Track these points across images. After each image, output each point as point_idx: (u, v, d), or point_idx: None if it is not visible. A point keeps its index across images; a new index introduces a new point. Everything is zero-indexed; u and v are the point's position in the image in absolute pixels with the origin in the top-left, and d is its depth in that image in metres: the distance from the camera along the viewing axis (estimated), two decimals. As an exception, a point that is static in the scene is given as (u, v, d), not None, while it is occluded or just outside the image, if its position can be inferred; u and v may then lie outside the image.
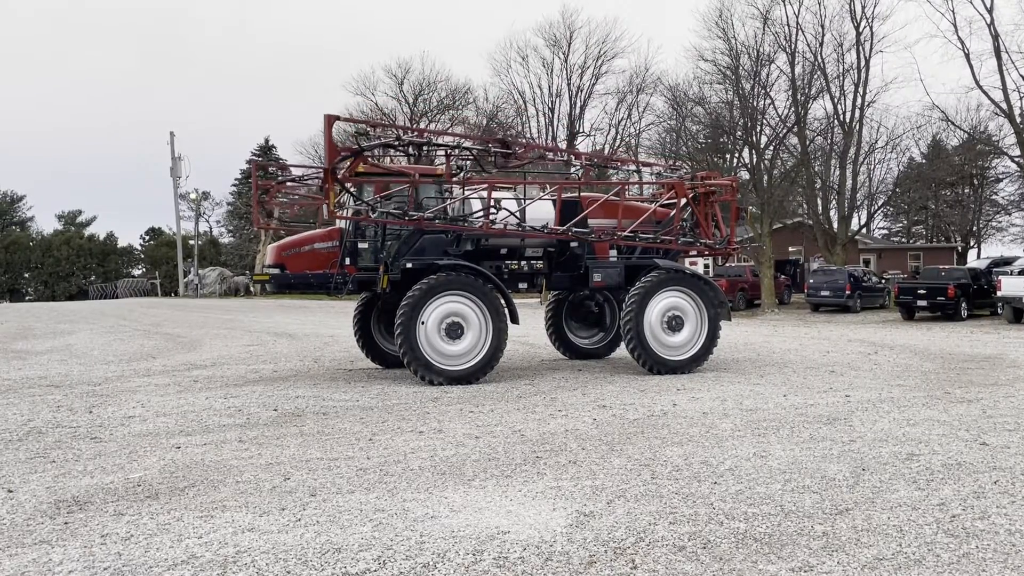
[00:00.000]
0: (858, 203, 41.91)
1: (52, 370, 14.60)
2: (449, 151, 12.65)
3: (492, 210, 12.65)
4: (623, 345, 13.45)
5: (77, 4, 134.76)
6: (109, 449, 7.83)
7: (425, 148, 12.23)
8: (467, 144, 12.76)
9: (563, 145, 52.79)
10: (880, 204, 48.61)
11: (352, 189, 12.29)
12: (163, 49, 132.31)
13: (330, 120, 11.59)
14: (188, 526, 5.39)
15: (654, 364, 12.87)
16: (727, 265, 36.73)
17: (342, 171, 12.12)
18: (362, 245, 12.79)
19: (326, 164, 11.36)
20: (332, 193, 11.56)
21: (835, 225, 38.75)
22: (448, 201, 12.75)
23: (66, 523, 5.51)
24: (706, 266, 34.75)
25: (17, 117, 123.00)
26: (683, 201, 14.16)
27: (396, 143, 12.20)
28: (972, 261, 45.51)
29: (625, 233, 13.46)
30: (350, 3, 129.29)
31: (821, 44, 37.67)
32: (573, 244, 13.51)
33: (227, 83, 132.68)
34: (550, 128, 53.26)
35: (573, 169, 14.61)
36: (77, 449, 7.86)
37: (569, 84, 52.99)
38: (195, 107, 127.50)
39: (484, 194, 12.93)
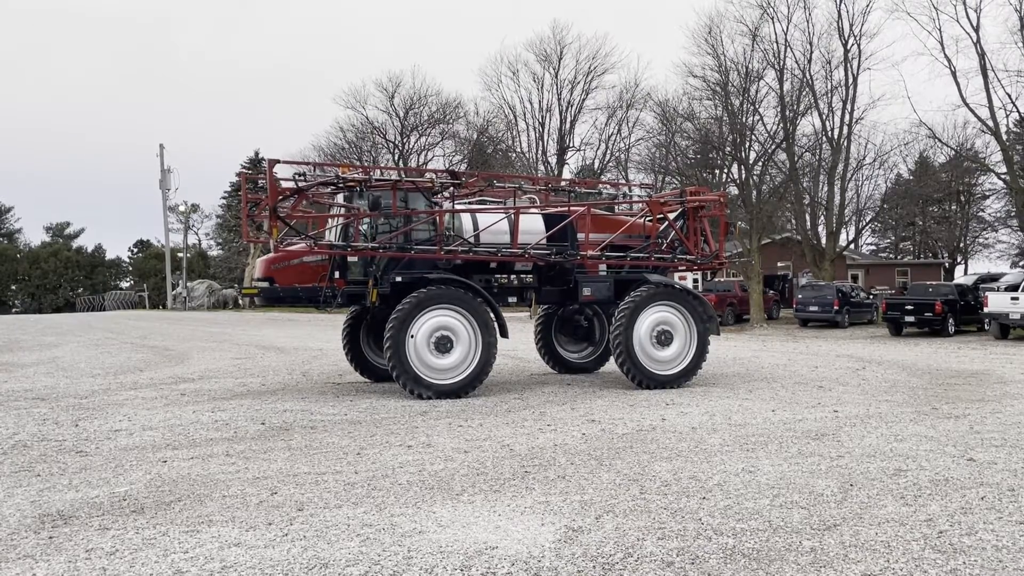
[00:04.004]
0: (846, 219, 42.15)
1: (38, 383, 14.50)
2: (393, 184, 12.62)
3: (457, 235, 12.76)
4: (612, 359, 13.46)
5: (67, 16, 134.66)
6: (95, 463, 7.77)
7: (366, 185, 12.34)
8: (409, 178, 12.83)
9: (553, 160, 53.02)
10: (868, 220, 48.94)
11: (294, 225, 12.50)
12: (154, 60, 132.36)
13: (271, 164, 11.99)
14: (174, 541, 5.35)
15: (643, 379, 12.88)
16: (716, 280, 36.91)
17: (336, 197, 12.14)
18: (351, 259, 12.75)
19: (269, 204, 11.77)
20: (276, 230, 11.97)
21: (823, 241, 38.94)
22: (403, 228, 12.70)
23: (51, 537, 5.46)
24: (695, 281, 34.85)
25: (5, 128, 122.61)
26: (665, 218, 14.22)
27: (336, 180, 12.42)
28: (959, 277, 45.77)
29: (592, 252, 13.40)
30: (341, 17, 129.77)
31: (809, 61, 38.02)
32: (569, 253, 13.46)
33: (217, 95, 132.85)
34: (540, 143, 53.42)
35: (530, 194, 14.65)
36: (62, 463, 7.80)
37: (559, 99, 53.17)
38: (185, 119, 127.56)
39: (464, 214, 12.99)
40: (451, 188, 13.29)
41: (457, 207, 13.31)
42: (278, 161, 12.27)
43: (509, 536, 5.40)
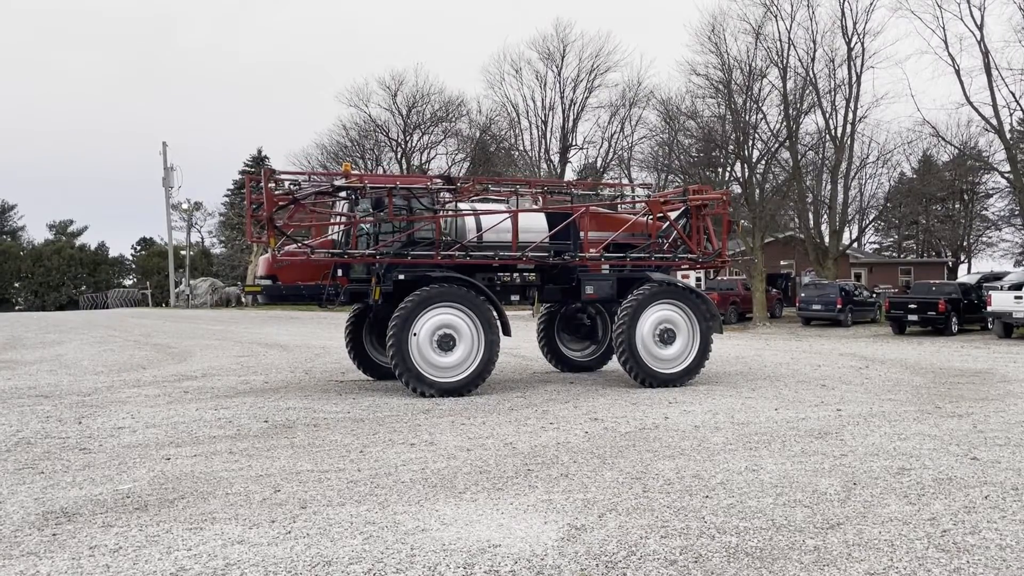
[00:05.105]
0: (849, 217, 42.10)
1: (41, 380, 14.52)
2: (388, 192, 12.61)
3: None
4: (615, 358, 13.45)
5: (69, 12, 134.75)
6: (98, 460, 7.78)
7: (360, 193, 12.39)
8: (403, 185, 12.79)
9: (556, 158, 53.00)
10: (871, 219, 48.83)
11: (290, 234, 12.53)
12: (156, 58, 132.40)
13: (267, 173, 12.08)
14: (177, 538, 5.36)
15: (646, 377, 12.87)
16: (719, 278, 36.87)
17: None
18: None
19: (265, 214, 11.86)
20: (273, 239, 12.04)
21: (826, 239, 38.89)
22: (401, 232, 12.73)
23: (54, 535, 5.47)
24: (698, 279, 34.83)
25: (9, 125, 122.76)
26: (665, 217, 14.23)
27: (330, 189, 12.53)
28: (962, 276, 45.71)
29: (592, 254, 13.38)
30: (343, 14, 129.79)
31: (813, 59, 37.94)
32: (567, 254, 13.45)
33: (220, 93, 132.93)
34: (543, 141, 53.40)
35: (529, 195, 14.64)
36: (66, 460, 7.81)
37: (562, 97, 53.18)
38: (188, 116, 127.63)
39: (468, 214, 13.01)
40: (446, 194, 13.25)
41: (459, 207, 13.29)
42: (274, 171, 12.40)
43: (512, 534, 5.40)
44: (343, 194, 12.73)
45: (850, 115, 38.10)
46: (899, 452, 7.89)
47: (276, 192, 12.15)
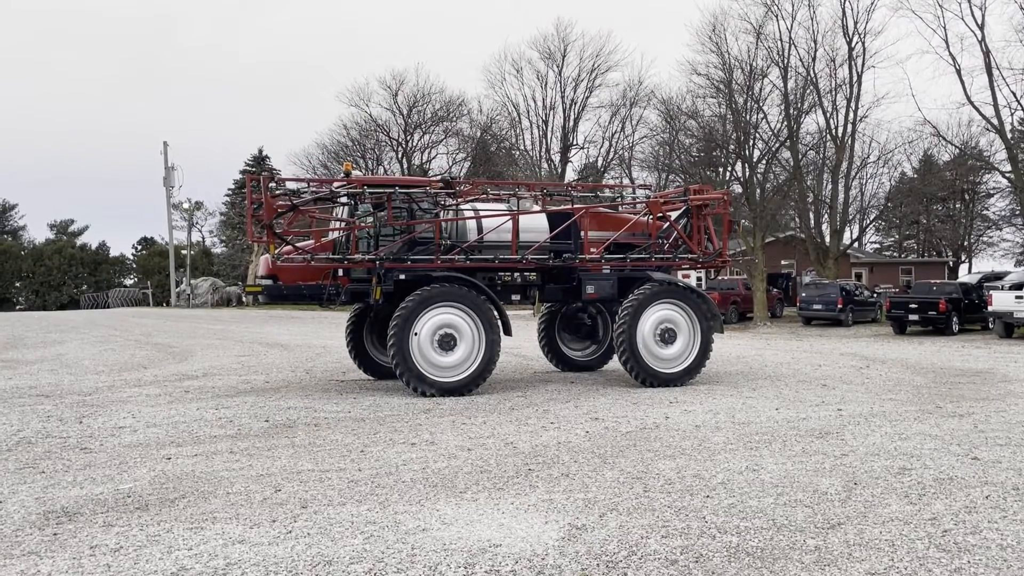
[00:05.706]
0: (850, 217, 42.12)
1: (42, 380, 14.52)
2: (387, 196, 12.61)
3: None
4: (616, 357, 13.45)
5: (69, 12, 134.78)
6: (99, 460, 7.78)
7: (360, 197, 12.44)
8: (402, 189, 12.79)
9: (556, 158, 53.02)
10: (872, 218, 48.88)
11: (290, 240, 12.59)
12: (156, 58, 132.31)
13: (266, 179, 12.10)
14: (178, 538, 5.36)
15: (647, 377, 12.87)
16: (720, 278, 36.85)
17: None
18: (354, 255, 12.74)
19: (265, 220, 11.93)
20: (273, 246, 12.15)
21: (827, 239, 38.88)
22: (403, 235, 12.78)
23: (55, 534, 5.47)
24: (699, 279, 34.82)
25: (9, 125, 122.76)
26: (665, 218, 14.25)
27: (329, 194, 12.61)
28: (963, 276, 45.70)
29: (592, 256, 13.39)
30: (343, 14, 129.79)
31: (814, 59, 37.93)
32: (566, 255, 13.45)
33: (220, 93, 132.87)
34: (544, 140, 53.41)
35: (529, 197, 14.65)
36: (67, 459, 7.81)
37: (563, 97, 53.23)
38: (188, 116, 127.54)
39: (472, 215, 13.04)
40: (444, 197, 13.24)
41: (459, 209, 13.29)
42: (273, 178, 12.44)
43: (513, 534, 5.40)
44: (343, 199, 12.75)
45: (851, 115, 38.13)
46: (900, 452, 7.89)
47: (276, 192, 12.16)
